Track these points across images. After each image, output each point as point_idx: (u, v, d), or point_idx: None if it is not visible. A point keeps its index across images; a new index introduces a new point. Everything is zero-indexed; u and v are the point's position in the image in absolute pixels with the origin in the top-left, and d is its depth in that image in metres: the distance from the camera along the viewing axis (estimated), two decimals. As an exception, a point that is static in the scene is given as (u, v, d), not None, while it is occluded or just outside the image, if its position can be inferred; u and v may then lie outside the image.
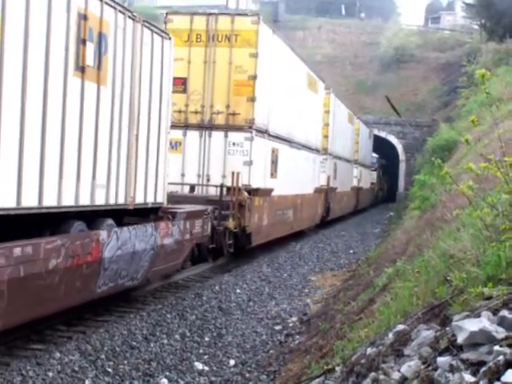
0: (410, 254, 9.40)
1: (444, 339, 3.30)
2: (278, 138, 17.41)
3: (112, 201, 9.33)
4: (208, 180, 15.12)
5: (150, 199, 10.68)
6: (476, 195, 4.85)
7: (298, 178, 20.16)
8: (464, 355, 3.03)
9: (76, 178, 8.33)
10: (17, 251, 6.96)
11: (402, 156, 44.93)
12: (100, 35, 8.64)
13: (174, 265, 11.73)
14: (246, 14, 15.79)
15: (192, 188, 15.12)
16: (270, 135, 16.58)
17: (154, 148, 10.71)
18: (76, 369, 7.36)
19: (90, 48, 8.41)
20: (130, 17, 9.54)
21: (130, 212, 10.20)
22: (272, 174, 17.13)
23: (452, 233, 6.46)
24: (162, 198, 11.14)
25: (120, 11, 9.22)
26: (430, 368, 3.13)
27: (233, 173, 14.58)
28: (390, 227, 24.31)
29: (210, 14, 15.58)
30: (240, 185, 14.69)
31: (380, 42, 52.41)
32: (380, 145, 45.27)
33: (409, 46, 51.59)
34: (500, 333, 3.06)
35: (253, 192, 15.56)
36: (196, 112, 15.24)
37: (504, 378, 2.68)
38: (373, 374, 3.46)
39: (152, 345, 8.74)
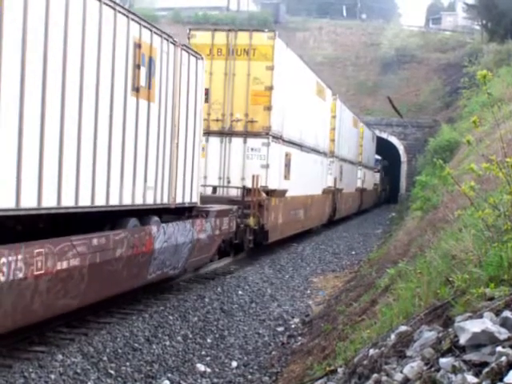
0: (411, 254, 9.39)
1: (446, 340, 3.29)
2: (290, 142, 18.69)
3: (158, 200, 10.75)
4: (228, 182, 16.38)
5: (187, 199, 12.07)
6: (478, 196, 4.85)
7: (308, 179, 21.40)
8: (466, 356, 3.03)
9: (132, 181, 9.71)
10: (94, 241, 8.38)
11: (403, 157, 44.92)
12: (150, 59, 10.11)
13: (206, 257, 13.27)
14: (262, 30, 17.32)
15: (214, 189, 16.30)
16: (284, 140, 17.85)
17: (190, 154, 12.12)
18: (78, 371, 7.36)
19: (143, 71, 9.89)
20: (171, 42, 10.99)
21: (169, 210, 11.45)
22: (285, 177, 18.38)
23: (454, 233, 6.46)
24: (196, 199, 12.55)
25: (165, 38, 10.68)
26: (433, 369, 3.13)
27: (253, 176, 15.89)
28: (391, 228, 24.31)
29: (230, 30, 16.97)
30: (259, 186, 15.98)
31: (381, 43, 52.46)
32: (381, 146, 45.26)
33: (410, 46, 51.61)
34: (502, 333, 3.06)
35: (270, 193, 16.85)
36: (217, 120, 16.40)
37: (507, 379, 2.67)
38: (375, 376, 3.45)
39: (154, 346, 8.74)
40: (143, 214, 10.48)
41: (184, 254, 11.61)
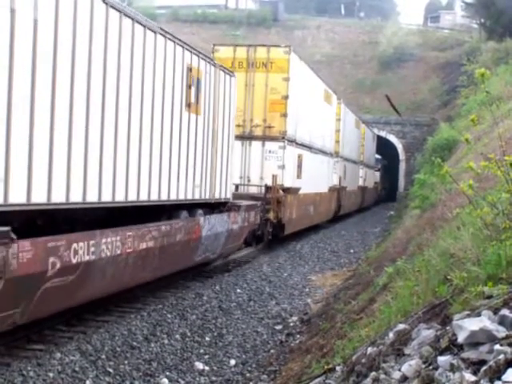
0: (410, 253, 9.40)
1: (444, 338, 3.30)
2: (302, 145, 20.66)
3: (203, 196, 12.82)
4: (249, 181, 18.32)
5: (223, 195, 14.11)
6: (476, 194, 4.85)
7: (316, 178, 23.44)
8: (464, 354, 3.03)
9: (185, 180, 11.73)
10: (162, 228, 10.54)
11: (402, 155, 44.92)
12: (197, 80, 12.09)
13: (237, 245, 15.63)
14: (279, 46, 19.19)
15: (236, 187, 17.68)
16: (297, 143, 19.82)
17: (225, 157, 14.15)
18: (77, 369, 7.35)
19: (193, 90, 11.86)
20: (212, 64, 12.96)
21: (208, 204, 13.37)
22: (298, 176, 20.30)
23: (452, 232, 6.46)
24: (229, 195, 14.66)
25: (207, 62, 12.67)
26: (431, 367, 3.13)
27: (273, 175, 17.80)
28: (390, 226, 24.32)
29: (250, 45, 19.09)
30: (277, 185, 17.96)
31: (379, 42, 52.36)
32: (380, 144, 45.29)
33: (408, 45, 51.51)
34: (500, 332, 3.06)
35: (285, 191, 18.74)
36: (239, 125, 17.57)
37: (505, 377, 2.68)
38: (373, 374, 3.46)
39: (152, 345, 8.73)
40: (191, 208, 12.40)
41: (221, 241, 13.73)
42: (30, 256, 6.91)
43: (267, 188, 17.76)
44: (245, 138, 18.15)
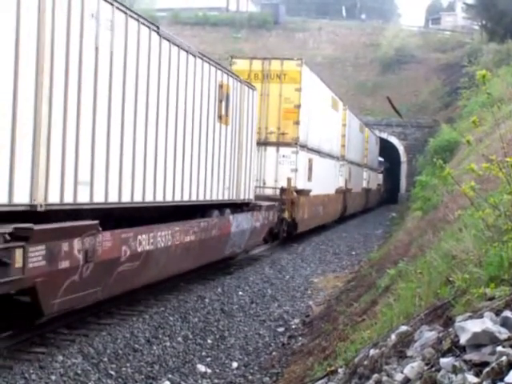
0: (412, 255, 9.39)
1: (447, 340, 3.29)
2: (312, 150, 22.18)
3: (231, 197, 14.37)
4: (264, 183, 19.56)
5: (247, 196, 15.66)
6: (478, 196, 4.84)
7: (325, 181, 24.96)
8: (467, 356, 3.03)
9: (217, 183, 13.31)
10: (201, 224, 12.32)
11: (403, 157, 44.92)
12: (227, 95, 13.62)
13: (257, 240, 17.39)
14: (292, 59, 20.62)
15: None
16: (307, 149, 21.40)
17: (248, 162, 15.77)
18: (79, 372, 7.35)
19: (223, 104, 13.40)
20: (238, 80, 14.59)
21: (234, 204, 14.82)
22: (309, 178, 21.82)
23: (454, 233, 6.46)
24: (252, 196, 16.22)
25: (234, 78, 14.27)
26: (433, 369, 3.13)
27: (287, 178, 19.36)
28: (392, 228, 24.30)
29: (265, 58, 20.54)
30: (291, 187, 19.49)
31: (380, 43, 52.39)
32: (382, 146, 45.31)
33: (409, 46, 51.55)
34: (503, 333, 3.06)
35: (298, 192, 20.17)
36: None
37: (507, 379, 2.67)
38: (376, 376, 3.46)
39: (155, 347, 8.73)
40: (220, 207, 13.84)
41: (246, 237, 15.45)
42: (110, 244, 8.60)
43: (282, 190, 19.20)
44: (260, 143, 19.13)
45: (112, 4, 8.66)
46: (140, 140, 9.67)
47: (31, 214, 7.30)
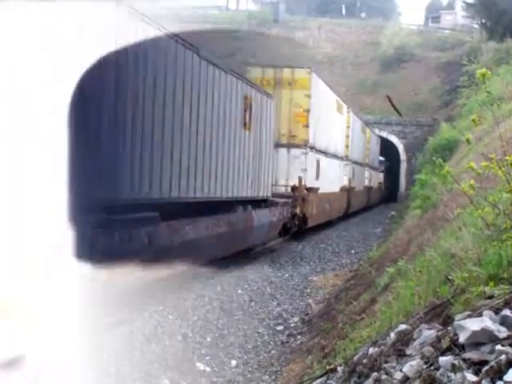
0: (411, 253, 9.39)
1: (446, 339, 3.29)
2: (319, 151, 23.86)
3: (253, 194, 16.35)
4: (276, 182, 20.58)
5: (265, 193, 17.66)
6: (477, 194, 4.83)
7: (330, 179, 26.67)
8: (466, 354, 3.02)
9: (242, 181, 15.16)
10: (231, 218, 14.42)
11: (403, 156, 44.87)
12: (250, 105, 15.59)
13: (274, 234, 19.15)
14: (302, 67, 22.14)
15: None
16: (316, 150, 23.06)
17: (267, 162, 17.80)
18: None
19: (247, 113, 15.39)
20: (259, 91, 16.73)
21: (254, 201, 16.46)
22: (317, 177, 23.46)
23: (453, 232, 6.45)
24: (269, 193, 18.14)
25: (256, 89, 16.42)
26: (432, 367, 3.13)
27: (299, 177, 20.95)
28: (391, 227, 24.30)
29: (277, 66, 21.72)
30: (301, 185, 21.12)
31: (380, 42, 52.24)
32: (381, 145, 45.28)
33: (409, 45, 51.41)
34: (502, 332, 3.05)
35: (307, 190, 21.79)
36: None
37: (506, 378, 2.67)
38: (375, 374, 3.45)
39: (154, 346, 8.73)
40: (243, 203, 15.44)
41: (265, 230, 17.26)
42: (166, 232, 10.53)
43: (293, 187, 20.71)
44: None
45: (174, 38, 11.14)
46: (185, 147, 11.55)
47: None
